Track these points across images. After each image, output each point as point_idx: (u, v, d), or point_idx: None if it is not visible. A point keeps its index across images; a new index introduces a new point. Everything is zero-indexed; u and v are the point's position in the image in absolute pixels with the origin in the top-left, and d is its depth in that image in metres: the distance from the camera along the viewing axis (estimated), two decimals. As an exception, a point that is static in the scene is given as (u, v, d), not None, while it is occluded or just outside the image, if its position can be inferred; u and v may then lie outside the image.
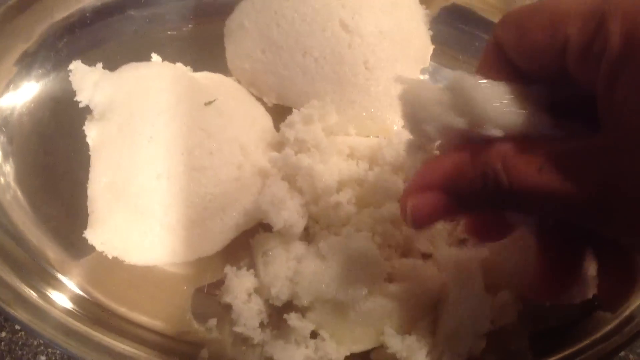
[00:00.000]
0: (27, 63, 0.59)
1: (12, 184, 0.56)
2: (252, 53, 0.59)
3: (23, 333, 0.58)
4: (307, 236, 0.55)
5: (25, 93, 0.59)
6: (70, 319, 0.50)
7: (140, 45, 0.61)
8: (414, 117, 0.37)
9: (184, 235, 0.53)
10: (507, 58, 0.36)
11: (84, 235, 0.52)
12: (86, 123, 0.56)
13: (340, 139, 0.57)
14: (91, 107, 0.56)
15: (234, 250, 0.55)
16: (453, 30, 0.68)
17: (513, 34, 0.35)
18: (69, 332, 0.49)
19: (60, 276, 0.54)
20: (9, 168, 0.57)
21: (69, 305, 0.52)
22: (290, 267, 0.51)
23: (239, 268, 0.54)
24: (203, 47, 0.63)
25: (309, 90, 0.57)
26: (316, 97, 0.58)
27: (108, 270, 0.54)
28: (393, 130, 0.59)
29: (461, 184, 0.35)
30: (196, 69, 0.61)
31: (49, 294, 0.52)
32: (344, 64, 0.57)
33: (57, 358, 0.57)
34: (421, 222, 0.37)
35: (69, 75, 0.57)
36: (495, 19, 0.68)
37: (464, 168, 0.34)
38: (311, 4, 0.58)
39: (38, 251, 0.54)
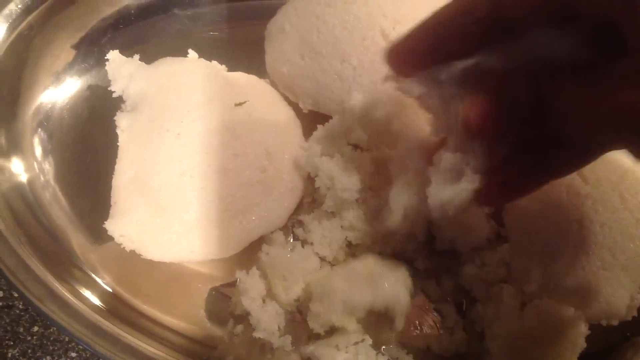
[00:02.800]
0: (71, 57, 0.60)
1: (52, 182, 0.57)
2: (291, 57, 0.58)
3: (55, 328, 0.58)
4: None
5: (67, 88, 0.60)
6: (100, 318, 0.51)
7: (182, 43, 0.61)
8: None
9: (201, 235, 0.52)
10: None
11: (104, 225, 0.52)
12: (117, 113, 0.56)
13: (369, 155, 0.55)
14: (124, 97, 0.57)
15: (252, 254, 0.54)
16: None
17: None
18: (99, 331, 0.49)
19: (93, 275, 0.55)
20: (48, 166, 0.58)
21: (97, 302, 0.53)
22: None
23: (248, 272, 0.53)
24: (242, 48, 0.63)
25: (345, 99, 0.55)
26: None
27: (135, 266, 0.54)
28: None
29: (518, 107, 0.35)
30: (233, 69, 0.61)
31: (79, 290, 0.53)
32: (382, 74, 0.54)
33: (88, 355, 0.57)
34: (472, 127, 0.37)
35: (109, 70, 0.59)
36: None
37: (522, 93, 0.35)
38: (353, 12, 0.56)
39: (74, 249, 0.55)
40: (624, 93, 0.30)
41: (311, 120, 0.58)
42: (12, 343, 0.57)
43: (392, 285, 0.48)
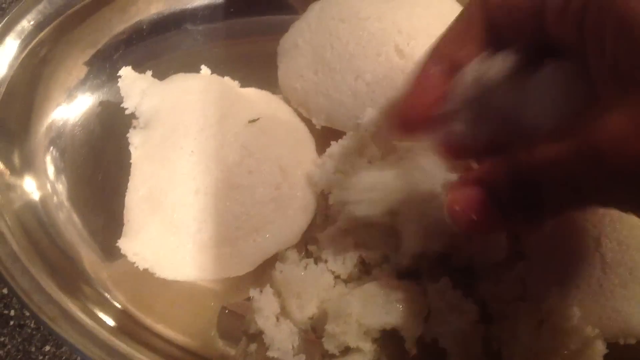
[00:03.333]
0: (83, 74, 0.60)
1: (64, 200, 0.57)
2: (304, 73, 0.58)
3: (67, 348, 0.58)
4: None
5: (79, 104, 0.60)
6: (112, 337, 0.51)
7: (194, 59, 0.61)
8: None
9: (215, 253, 0.52)
10: (488, 18, 0.36)
11: (117, 244, 0.52)
12: (130, 130, 0.56)
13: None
14: (137, 114, 0.56)
15: (264, 271, 0.54)
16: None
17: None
18: (111, 351, 0.49)
19: (106, 294, 0.55)
20: (60, 183, 0.58)
21: (109, 321, 0.53)
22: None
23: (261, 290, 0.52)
24: (255, 64, 0.63)
25: (358, 115, 0.55)
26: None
27: (147, 284, 0.54)
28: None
29: (495, 179, 0.34)
30: (246, 85, 0.61)
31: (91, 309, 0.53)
32: (397, 90, 0.54)
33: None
34: (457, 217, 0.35)
35: (122, 86, 0.58)
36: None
37: (498, 166, 0.34)
38: (367, 28, 0.56)
39: (86, 266, 0.55)
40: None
41: (325, 136, 0.58)
42: (23, 362, 0.57)
43: (407, 308, 0.48)
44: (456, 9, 0.60)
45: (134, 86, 0.57)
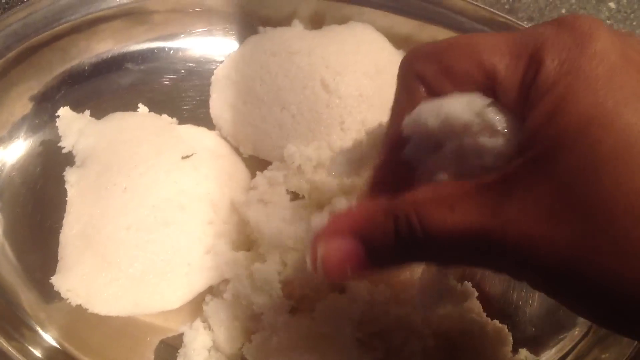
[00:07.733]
0: (24, 114, 0.61)
1: (2, 238, 0.57)
2: (234, 103, 0.60)
3: None
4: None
5: (19, 144, 0.60)
6: None
7: (136, 97, 0.62)
8: None
9: (148, 288, 0.52)
10: (428, 89, 0.33)
11: (50, 280, 0.52)
12: (67, 169, 0.57)
13: (306, 203, 0.55)
14: (74, 153, 0.58)
15: (200, 303, 0.54)
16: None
17: (435, 68, 0.33)
18: None
19: (41, 331, 0.55)
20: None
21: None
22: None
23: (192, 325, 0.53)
24: (195, 100, 0.64)
25: (283, 145, 0.56)
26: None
27: (85, 321, 0.54)
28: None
29: (373, 232, 0.31)
30: (186, 121, 0.62)
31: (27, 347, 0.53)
32: (320, 122, 0.56)
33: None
34: (332, 270, 0.32)
35: (62, 125, 0.60)
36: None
37: (376, 215, 0.31)
38: (296, 62, 0.58)
39: (22, 305, 0.55)
40: None
41: (253, 165, 0.60)
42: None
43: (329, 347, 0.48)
44: (387, 48, 0.62)
45: (72, 125, 0.59)
